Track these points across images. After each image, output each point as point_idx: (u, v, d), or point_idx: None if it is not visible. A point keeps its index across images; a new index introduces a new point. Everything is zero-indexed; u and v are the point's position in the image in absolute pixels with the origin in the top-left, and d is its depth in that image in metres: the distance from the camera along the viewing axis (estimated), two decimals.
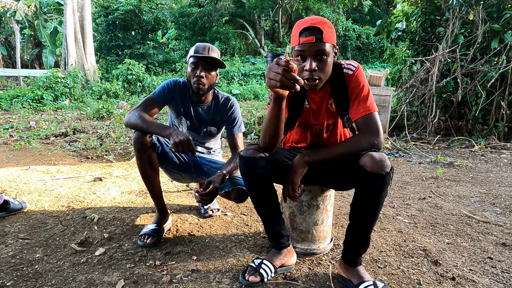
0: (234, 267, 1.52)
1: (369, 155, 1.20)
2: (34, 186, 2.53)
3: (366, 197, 1.24)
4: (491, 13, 4.75)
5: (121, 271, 1.46)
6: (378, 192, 1.20)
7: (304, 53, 1.25)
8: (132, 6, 14.88)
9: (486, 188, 2.84)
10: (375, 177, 1.17)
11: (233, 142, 1.86)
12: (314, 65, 1.24)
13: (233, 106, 1.88)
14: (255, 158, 1.28)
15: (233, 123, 1.87)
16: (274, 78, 1.05)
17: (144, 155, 1.65)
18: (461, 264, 1.61)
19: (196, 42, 11.17)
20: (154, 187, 1.75)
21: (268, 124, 1.27)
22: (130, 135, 4.66)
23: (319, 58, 1.25)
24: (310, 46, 1.23)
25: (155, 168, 1.71)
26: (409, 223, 2.09)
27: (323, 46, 1.24)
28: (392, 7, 19.68)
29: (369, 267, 1.55)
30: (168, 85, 1.79)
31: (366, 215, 1.26)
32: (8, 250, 1.61)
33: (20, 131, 4.84)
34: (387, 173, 1.17)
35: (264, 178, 1.33)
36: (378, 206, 1.23)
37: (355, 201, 1.29)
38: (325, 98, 1.45)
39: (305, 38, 1.23)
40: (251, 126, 5.00)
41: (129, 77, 9.89)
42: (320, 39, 1.23)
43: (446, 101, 5.17)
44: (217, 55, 1.74)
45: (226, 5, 16.96)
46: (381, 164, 1.16)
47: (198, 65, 1.70)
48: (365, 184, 1.21)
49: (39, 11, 16.78)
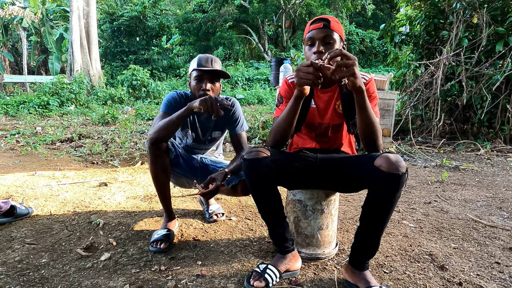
0: (239, 272, 1.51)
1: (385, 157, 1.23)
2: (40, 191, 2.55)
3: (380, 198, 1.25)
4: (495, 16, 4.73)
5: (127, 276, 1.46)
6: (393, 192, 1.22)
7: (313, 38, 1.39)
8: (137, 12, 15.03)
9: (492, 192, 2.82)
10: (391, 177, 1.20)
11: (237, 141, 1.87)
12: (321, 48, 1.37)
13: (234, 105, 1.88)
14: (259, 159, 1.30)
15: (235, 122, 1.88)
16: (305, 77, 1.19)
17: (158, 160, 1.65)
18: (468, 269, 1.59)
19: (200, 47, 11.15)
20: (164, 192, 1.76)
21: (283, 122, 1.37)
22: (135, 140, 4.69)
23: (327, 43, 1.38)
24: (318, 31, 1.39)
25: (168, 173, 1.73)
26: (415, 227, 2.08)
27: (330, 33, 1.38)
28: (395, 11, 19.69)
29: (374, 272, 1.54)
30: (174, 98, 1.78)
31: (379, 216, 1.27)
32: (15, 255, 1.62)
33: (27, 137, 4.89)
34: (403, 173, 1.20)
35: (268, 178, 1.35)
36: (391, 207, 1.25)
37: (367, 203, 1.30)
38: (333, 98, 1.49)
39: (315, 25, 1.40)
40: (255, 131, 5.00)
41: (134, 82, 9.96)
42: (327, 26, 1.38)
43: (451, 105, 5.14)
44: (219, 66, 1.74)
45: (230, 11, 17.09)
46: (397, 164, 1.20)
47: (203, 79, 1.70)
48: (381, 184, 1.23)
49: (46, 18, 16.99)
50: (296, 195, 1.63)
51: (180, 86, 12.40)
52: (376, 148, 1.35)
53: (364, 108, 1.26)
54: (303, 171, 1.44)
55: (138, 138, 4.83)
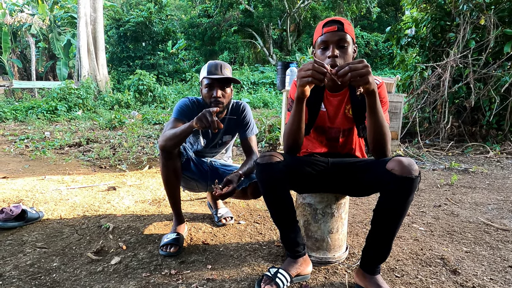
0: (249, 276, 1.51)
1: (397, 160, 1.22)
2: (50, 196, 2.57)
3: (393, 201, 1.24)
4: (503, 18, 4.69)
5: (137, 280, 1.46)
6: (406, 196, 1.21)
7: (328, 41, 1.36)
8: (143, 18, 15.19)
9: (503, 195, 2.78)
10: (404, 181, 1.19)
11: (248, 145, 1.88)
12: (336, 52, 1.34)
13: (245, 110, 1.89)
14: (272, 163, 1.30)
15: (246, 126, 1.89)
16: (305, 75, 1.18)
17: (170, 164, 1.66)
18: (481, 273, 1.57)
19: (206, 52, 11.17)
20: (175, 196, 1.77)
21: (291, 126, 1.36)
22: (142, 144, 4.72)
23: (341, 46, 1.36)
24: (332, 34, 1.35)
25: (179, 177, 1.74)
26: (425, 231, 2.06)
27: (344, 36, 1.35)
28: (400, 14, 19.64)
29: (386, 276, 1.52)
30: (186, 104, 1.78)
31: (391, 220, 1.26)
32: (26, 259, 1.64)
33: (36, 142, 4.95)
34: (416, 176, 1.19)
35: (281, 183, 1.34)
36: (403, 211, 1.24)
37: (380, 206, 1.29)
38: (343, 102, 1.48)
39: (328, 27, 1.36)
40: (261, 134, 5.01)
41: (140, 87, 10.03)
42: (341, 29, 1.35)
43: (459, 107, 5.10)
44: (229, 72, 1.75)
45: (235, 15, 17.19)
46: (410, 168, 1.19)
47: (213, 86, 1.70)
48: (393, 188, 1.22)
49: (53, 24, 17.24)
50: (306, 199, 1.63)
51: (186, 90, 12.46)
52: (384, 153, 1.34)
53: (375, 111, 1.26)
54: (316, 176, 1.43)
55: (145, 143, 4.85)
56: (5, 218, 1.95)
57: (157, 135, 5.43)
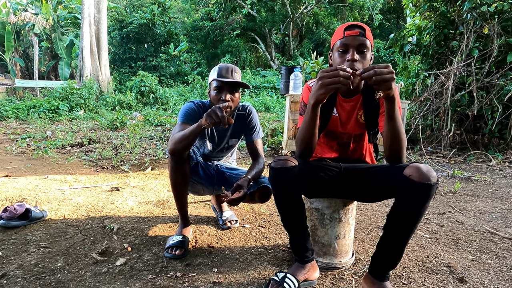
0: (255, 280, 1.50)
1: (415, 166, 1.21)
2: (53, 195, 2.56)
3: (409, 207, 1.23)
4: (506, 27, 4.72)
5: (143, 282, 1.45)
6: (423, 202, 1.20)
7: (348, 45, 1.35)
8: (146, 20, 15.23)
9: (507, 204, 2.77)
10: (423, 187, 1.18)
11: (254, 148, 1.87)
12: (356, 56, 1.33)
13: (251, 113, 1.88)
14: (287, 168, 1.29)
15: (252, 130, 1.88)
16: (332, 81, 1.16)
17: (180, 168, 1.65)
18: (488, 282, 1.56)
19: (208, 55, 11.18)
20: (182, 199, 1.76)
21: (305, 131, 1.34)
22: (144, 145, 4.71)
23: (361, 51, 1.35)
24: (354, 38, 1.34)
25: (187, 180, 1.72)
26: (431, 238, 2.05)
27: (365, 41, 1.34)
28: (402, 21, 19.75)
29: (393, 283, 1.52)
30: (192, 108, 1.76)
31: (405, 226, 1.26)
32: (30, 258, 1.62)
33: (37, 141, 4.93)
34: (435, 183, 1.19)
35: (295, 187, 1.33)
36: (419, 217, 1.23)
37: (394, 212, 1.28)
38: (355, 108, 1.47)
39: (350, 31, 1.35)
40: (264, 138, 5.00)
41: (142, 88, 10.04)
42: (363, 34, 1.35)
43: (461, 115, 5.11)
44: (239, 76, 1.73)
45: (238, 19, 17.24)
46: (429, 174, 1.19)
47: (223, 89, 1.69)
48: (411, 194, 1.21)
49: (57, 24, 17.30)
50: (313, 203, 1.62)
51: (187, 93, 12.46)
52: (400, 159, 1.32)
53: (393, 117, 1.25)
54: (328, 181, 1.43)
55: (147, 144, 4.84)
56: (8, 217, 1.94)
57: (159, 136, 5.43)
